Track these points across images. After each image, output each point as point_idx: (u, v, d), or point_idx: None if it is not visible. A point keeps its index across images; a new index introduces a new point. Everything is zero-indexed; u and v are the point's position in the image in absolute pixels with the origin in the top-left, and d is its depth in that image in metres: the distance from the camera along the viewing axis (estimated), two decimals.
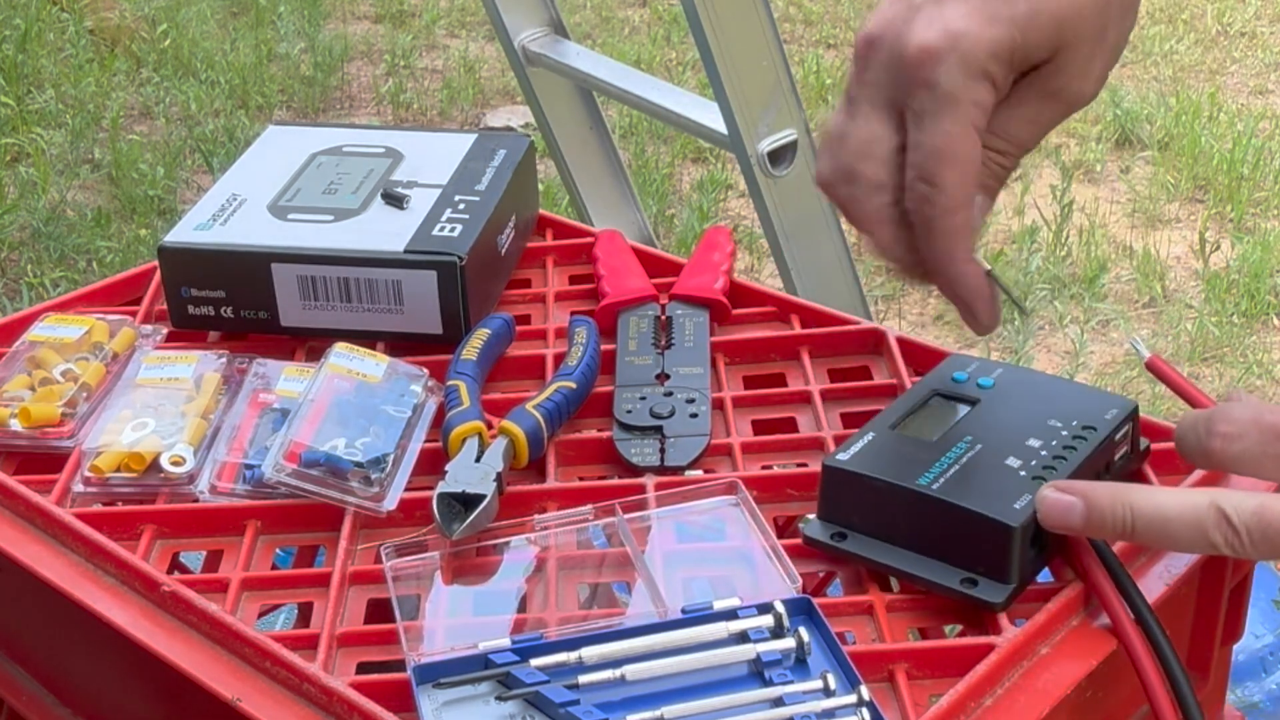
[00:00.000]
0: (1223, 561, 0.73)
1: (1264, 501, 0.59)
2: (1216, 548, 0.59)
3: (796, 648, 0.63)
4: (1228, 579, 0.75)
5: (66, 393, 0.81)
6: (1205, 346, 2.60)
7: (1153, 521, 0.61)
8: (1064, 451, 0.68)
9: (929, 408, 0.73)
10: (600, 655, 0.62)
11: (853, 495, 0.69)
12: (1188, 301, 2.75)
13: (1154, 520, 0.61)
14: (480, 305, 0.89)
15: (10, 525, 0.75)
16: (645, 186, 3.08)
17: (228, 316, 0.89)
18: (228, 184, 0.96)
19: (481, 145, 1.01)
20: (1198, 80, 3.67)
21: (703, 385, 0.83)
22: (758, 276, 2.72)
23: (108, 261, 2.82)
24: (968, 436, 0.70)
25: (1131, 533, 0.62)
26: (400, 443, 0.77)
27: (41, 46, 3.72)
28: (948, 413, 0.72)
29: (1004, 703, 0.61)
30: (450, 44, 4.00)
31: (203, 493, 0.76)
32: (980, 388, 0.74)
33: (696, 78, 3.58)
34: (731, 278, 0.94)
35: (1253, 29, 3.97)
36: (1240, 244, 2.88)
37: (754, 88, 1.49)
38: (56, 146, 3.29)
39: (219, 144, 3.30)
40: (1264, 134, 3.31)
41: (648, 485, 0.75)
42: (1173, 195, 3.10)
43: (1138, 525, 0.62)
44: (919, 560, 0.67)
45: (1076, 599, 0.66)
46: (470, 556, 0.72)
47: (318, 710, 0.63)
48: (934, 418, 0.72)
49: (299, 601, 0.72)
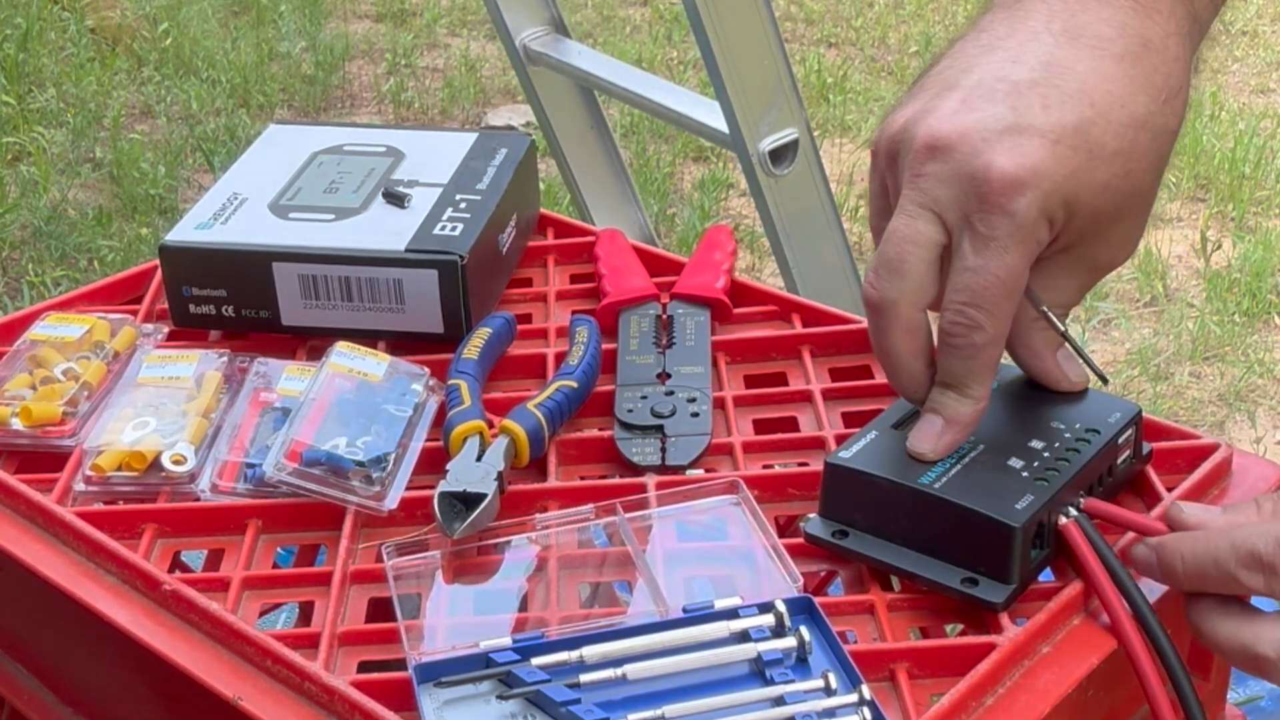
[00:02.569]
0: None
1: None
2: (1254, 590, 0.60)
3: (797, 647, 0.63)
4: None
5: (68, 392, 0.81)
6: (1206, 346, 2.60)
7: (1194, 567, 0.61)
8: (1066, 454, 0.68)
9: None
10: (601, 654, 0.62)
11: (855, 493, 0.69)
12: (1189, 300, 2.74)
13: (1196, 566, 0.61)
14: (481, 304, 0.89)
15: (11, 524, 0.75)
16: (646, 185, 3.08)
17: (229, 315, 0.89)
18: (229, 183, 0.96)
19: (482, 144, 1.01)
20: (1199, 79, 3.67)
21: (704, 384, 0.83)
22: (759, 276, 2.72)
23: (109, 260, 2.82)
24: (970, 436, 0.70)
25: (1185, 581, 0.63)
26: (401, 442, 0.77)
27: (43, 45, 3.72)
28: None
29: (1005, 702, 0.61)
30: (451, 43, 4.00)
31: (204, 492, 0.76)
32: None
33: (698, 77, 3.57)
34: (733, 277, 0.94)
35: (1254, 28, 3.97)
36: (1242, 243, 2.88)
37: (755, 87, 1.49)
38: (58, 145, 3.29)
39: (220, 143, 3.30)
40: (1266, 133, 3.31)
41: (649, 484, 0.75)
42: (1174, 194, 3.10)
43: (1187, 573, 0.62)
44: (920, 559, 0.67)
45: (1077, 598, 0.66)
46: (471, 556, 0.72)
47: (319, 709, 0.63)
48: None
49: (300, 600, 0.72)
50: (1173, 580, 0.64)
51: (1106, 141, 0.63)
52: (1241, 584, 0.60)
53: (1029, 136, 0.62)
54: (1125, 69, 0.64)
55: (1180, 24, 0.67)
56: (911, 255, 0.64)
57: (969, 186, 0.62)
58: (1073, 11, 0.66)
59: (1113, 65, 0.64)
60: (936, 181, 0.63)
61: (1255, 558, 0.59)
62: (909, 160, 0.64)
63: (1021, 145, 0.62)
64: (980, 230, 0.62)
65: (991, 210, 0.62)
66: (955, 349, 0.65)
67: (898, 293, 0.65)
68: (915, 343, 0.66)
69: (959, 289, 0.63)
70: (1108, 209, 0.64)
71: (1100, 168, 0.63)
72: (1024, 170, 0.61)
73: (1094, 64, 0.64)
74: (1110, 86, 0.64)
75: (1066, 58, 0.64)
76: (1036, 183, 0.62)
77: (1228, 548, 0.61)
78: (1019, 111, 0.63)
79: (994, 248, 0.62)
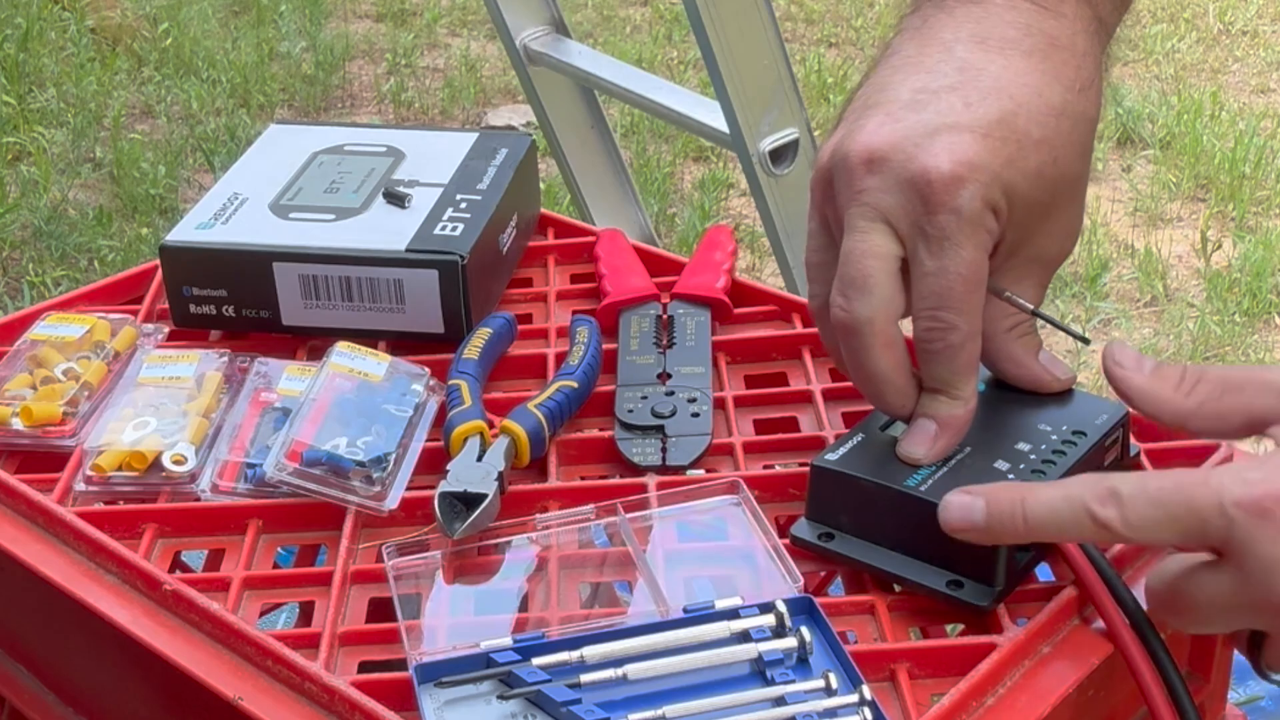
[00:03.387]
0: None
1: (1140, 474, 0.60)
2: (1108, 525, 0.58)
3: (798, 647, 0.63)
4: None
5: (68, 392, 0.81)
6: (1207, 346, 2.60)
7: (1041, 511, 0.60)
8: (1053, 455, 0.68)
9: None
10: (602, 654, 0.62)
11: (841, 496, 0.69)
12: (1189, 300, 2.75)
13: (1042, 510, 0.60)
14: (482, 304, 0.89)
15: (12, 524, 0.75)
16: (647, 185, 3.08)
17: (229, 315, 0.89)
18: (229, 183, 0.96)
19: (483, 144, 1.01)
20: (1199, 79, 3.67)
21: (704, 384, 0.83)
22: (759, 275, 2.72)
23: (109, 260, 2.82)
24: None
25: (1025, 528, 0.61)
26: (402, 442, 0.77)
27: (43, 45, 3.73)
28: None
29: (1005, 702, 0.61)
30: (452, 43, 4.00)
31: (204, 492, 0.76)
32: None
33: (698, 76, 3.58)
34: (733, 277, 0.94)
35: (1254, 27, 3.97)
36: (1242, 243, 2.88)
37: (755, 86, 1.49)
38: (58, 145, 3.29)
39: (220, 143, 3.30)
40: (1266, 133, 3.31)
41: (649, 485, 0.75)
42: (1174, 194, 3.10)
43: (1029, 518, 0.61)
44: (906, 562, 0.67)
45: (1078, 598, 0.66)
46: (472, 556, 0.72)
47: (319, 709, 0.63)
48: None
49: (300, 600, 0.72)
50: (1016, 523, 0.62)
51: (1031, 130, 0.64)
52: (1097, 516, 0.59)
53: (958, 133, 0.63)
54: (1036, 64, 0.66)
55: (1086, 24, 0.69)
56: (874, 269, 0.64)
57: (910, 192, 0.63)
58: (977, 19, 0.67)
59: (1023, 61, 0.66)
60: (879, 193, 0.64)
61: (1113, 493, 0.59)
62: (846, 180, 0.65)
63: (953, 143, 0.63)
64: (931, 233, 0.63)
65: (938, 210, 0.63)
66: (935, 354, 0.66)
67: (870, 309, 0.65)
68: (895, 356, 0.67)
69: (924, 295, 0.64)
70: (1043, 198, 0.65)
71: (1030, 155, 0.64)
72: (961, 165, 0.62)
73: (1005, 62, 0.66)
74: (1025, 79, 0.65)
75: (978, 60, 0.66)
76: (975, 175, 0.63)
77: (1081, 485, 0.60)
78: (943, 114, 0.64)
79: (949, 246, 0.63)
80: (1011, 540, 0.63)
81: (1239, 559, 0.57)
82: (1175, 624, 0.62)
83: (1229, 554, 0.57)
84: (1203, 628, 0.63)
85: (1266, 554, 0.56)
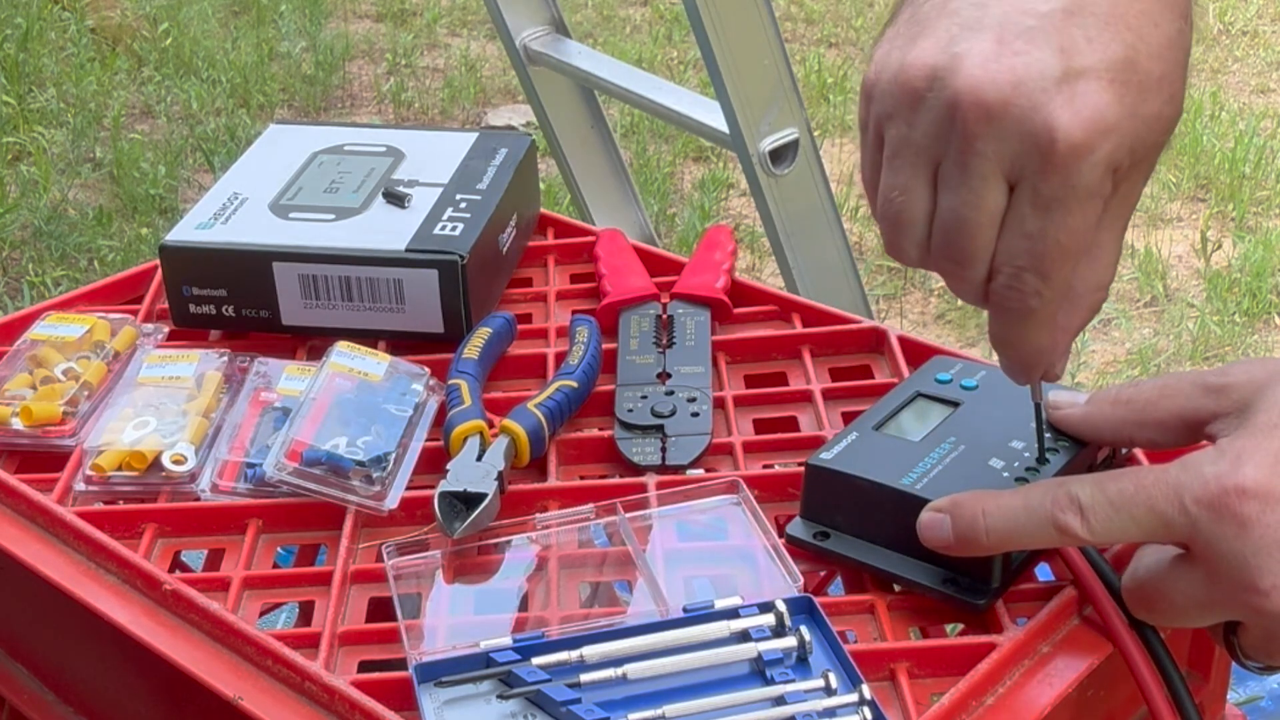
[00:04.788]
0: None
1: (1099, 477, 0.59)
2: (1071, 532, 0.58)
3: (798, 646, 0.63)
4: None
5: (68, 391, 0.81)
6: (1207, 346, 2.60)
7: (1001, 523, 0.61)
8: (1047, 454, 0.68)
9: (913, 408, 0.73)
10: (601, 654, 0.62)
11: (836, 495, 0.69)
12: (1189, 300, 2.74)
13: (1003, 521, 0.61)
14: (481, 304, 0.89)
15: (12, 524, 0.75)
16: (646, 185, 3.08)
17: (229, 315, 0.89)
18: (229, 183, 0.96)
19: (483, 144, 1.01)
20: (1199, 79, 3.67)
21: (704, 384, 0.83)
22: (759, 275, 2.72)
23: (109, 260, 2.82)
24: (951, 437, 0.70)
25: (988, 540, 0.61)
26: (401, 441, 0.77)
27: (43, 45, 3.73)
28: (931, 413, 0.73)
29: (1005, 701, 0.61)
30: (451, 43, 4.00)
31: (204, 491, 0.76)
32: (964, 389, 0.74)
33: (698, 76, 3.57)
34: (733, 277, 0.94)
35: (1254, 28, 3.97)
36: (1242, 243, 2.88)
37: (755, 86, 1.49)
38: (58, 145, 3.29)
39: (220, 143, 3.30)
40: (1266, 133, 3.31)
41: (649, 484, 0.75)
42: (1174, 194, 3.10)
43: (990, 530, 0.61)
44: (901, 560, 0.67)
45: (1078, 597, 0.66)
46: (472, 555, 0.72)
47: (319, 709, 0.63)
48: (918, 418, 0.72)
49: (300, 600, 0.72)
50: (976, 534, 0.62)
51: (1152, 68, 0.57)
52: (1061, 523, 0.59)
53: (1086, 80, 0.55)
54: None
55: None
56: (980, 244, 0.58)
57: (1030, 145, 0.55)
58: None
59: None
60: (996, 144, 0.56)
61: (1073, 500, 0.59)
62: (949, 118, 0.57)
63: (1081, 94, 0.55)
64: (1043, 191, 0.56)
65: (1055, 173, 0.56)
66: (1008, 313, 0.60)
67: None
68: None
69: (1016, 253, 0.58)
70: (1160, 141, 0.59)
71: (1151, 98, 0.57)
72: (1093, 129, 0.55)
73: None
74: (1140, 5, 0.58)
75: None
76: (1104, 139, 0.55)
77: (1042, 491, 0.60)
78: (1066, 52, 0.56)
79: (1057, 211, 0.56)
80: (981, 552, 0.63)
81: (1204, 556, 0.57)
82: (1153, 621, 0.62)
83: (1195, 551, 0.57)
84: (1179, 623, 0.63)
85: (1230, 549, 0.56)
